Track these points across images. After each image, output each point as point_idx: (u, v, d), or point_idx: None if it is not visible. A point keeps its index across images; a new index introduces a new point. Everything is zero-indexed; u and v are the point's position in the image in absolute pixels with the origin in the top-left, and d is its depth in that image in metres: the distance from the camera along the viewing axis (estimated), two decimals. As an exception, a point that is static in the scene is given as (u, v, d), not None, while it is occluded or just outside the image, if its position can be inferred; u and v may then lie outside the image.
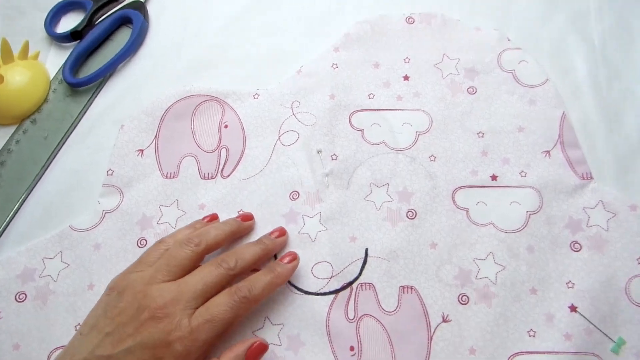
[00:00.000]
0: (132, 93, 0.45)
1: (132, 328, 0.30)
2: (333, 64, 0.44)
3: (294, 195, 0.40)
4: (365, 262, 0.37)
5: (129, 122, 0.43)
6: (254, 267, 0.36)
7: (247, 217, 0.39)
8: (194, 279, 0.33)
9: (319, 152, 0.41)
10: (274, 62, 0.45)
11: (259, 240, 0.37)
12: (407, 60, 0.44)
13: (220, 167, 0.41)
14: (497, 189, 0.38)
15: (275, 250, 0.37)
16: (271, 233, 0.38)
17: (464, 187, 0.39)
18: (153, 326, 0.30)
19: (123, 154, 0.42)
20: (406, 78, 0.43)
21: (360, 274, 0.37)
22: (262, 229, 0.39)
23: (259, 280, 0.34)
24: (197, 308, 0.32)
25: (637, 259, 0.36)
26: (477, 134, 0.41)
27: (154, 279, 0.32)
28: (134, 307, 0.31)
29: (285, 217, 0.39)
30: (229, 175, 0.41)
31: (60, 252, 0.39)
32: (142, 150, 0.42)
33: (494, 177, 0.39)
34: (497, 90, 0.42)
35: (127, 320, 0.31)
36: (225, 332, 0.32)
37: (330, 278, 0.37)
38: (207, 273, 0.33)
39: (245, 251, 0.35)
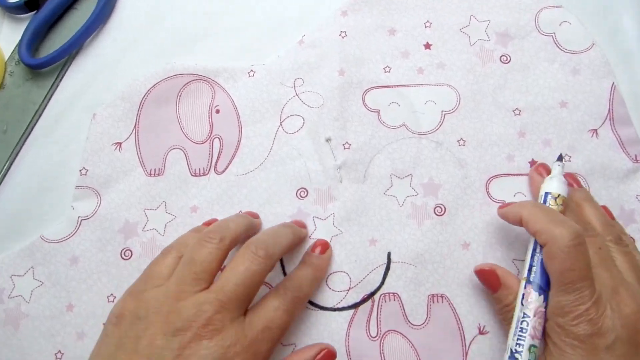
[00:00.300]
0: (104, 74, 0.38)
1: (172, 356, 0.25)
2: (341, 31, 0.38)
3: (302, 192, 0.34)
4: (388, 269, 0.33)
5: (102, 110, 0.37)
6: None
7: (254, 215, 0.34)
8: (231, 280, 0.27)
9: (328, 140, 0.35)
10: (271, 31, 0.39)
11: (283, 223, 0.33)
12: (428, 24, 0.38)
13: (213, 161, 0.36)
14: None
15: (305, 235, 0.34)
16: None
17: (499, 175, 0.35)
18: (203, 347, 0.25)
19: (97, 148, 0.36)
20: (428, 46, 0.37)
21: (382, 282, 0.33)
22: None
23: (304, 277, 0.31)
24: (245, 315, 0.28)
25: None
26: (513, 111, 0.36)
27: (183, 292, 0.27)
28: (168, 331, 0.26)
29: (293, 220, 0.34)
30: (223, 171, 0.35)
31: (32, 267, 0.34)
32: (119, 144, 0.36)
33: (533, 163, 0.35)
34: (535, 58, 0.37)
35: (161, 350, 0.25)
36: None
37: (349, 290, 0.33)
38: (244, 270, 0.28)
39: (279, 235, 0.31)
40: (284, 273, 0.33)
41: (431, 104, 0.36)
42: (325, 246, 0.33)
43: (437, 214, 0.34)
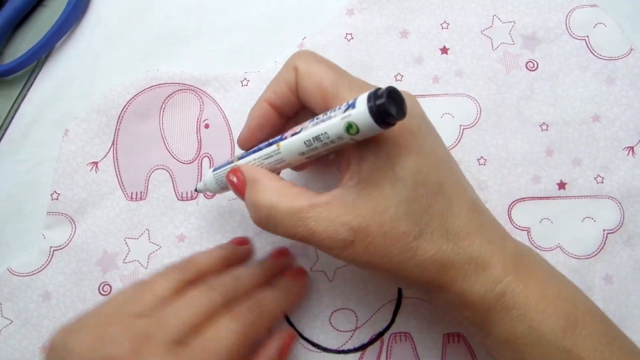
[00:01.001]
0: (78, 82, 0.34)
1: None
2: (347, 33, 0.33)
3: (303, 221, 0.31)
4: (399, 305, 0.30)
5: (75, 125, 0.32)
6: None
7: (243, 242, 0.30)
8: (177, 305, 0.24)
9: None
10: (267, 32, 0.34)
11: (259, 262, 0.30)
12: (445, 25, 0.33)
13: (203, 183, 0.31)
14: (566, 201, 0.32)
15: (277, 272, 0.29)
16: (272, 256, 0.30)
17: (523, 199, 0.32)
18: None
19: (70, 169, 0.32)
20: (444, 51, 0.33)
21: (392, 321, 0.30)
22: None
23: (268, 296, 0.27)
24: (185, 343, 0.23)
25: None
26: (540, 126, 0.32)
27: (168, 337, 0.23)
28: None
29: (293, 249, 0.31)
30: (214, 195, 0.31)
31: (0, 304, 0.30)
32: (96, 163, 0.32)
33: (561, 185, 0.32)
34: (566, 65, 0.33)
35: None
36: None
37: (355, 330, 0.30)
38: (194, 297, 0.25)
39: (244, 272, 0.27)
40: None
41: (448, 116, 0.32)
42: (299, 273, 0.30)
43: (454, 244, 0.30)
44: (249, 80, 0.33)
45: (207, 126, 0.32)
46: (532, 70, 0.33)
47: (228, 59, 0.34)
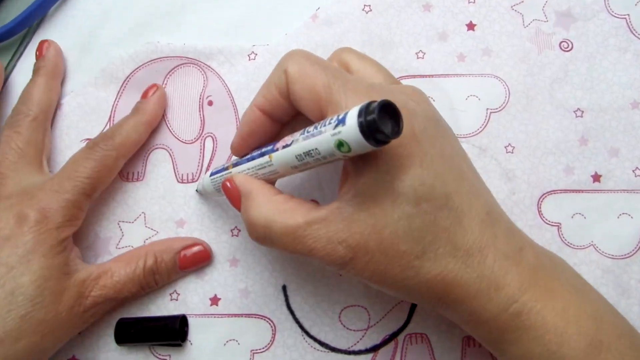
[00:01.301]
0: (73, 54, 0.31)
1: None
2: (365, 5, 0.31)
3: (313, 207, 0.28)
4: (415, 304, 0.28)
5: (70, 98, 0.30)
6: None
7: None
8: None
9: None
10: (277, 3, 0.31)
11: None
12: (472, -1, 0.31)
13: (205, 164, 0.30)
14: (601, 195, 0.29)
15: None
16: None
17: (554, 191, 0.29)
18: None
19: (63, 146, 0.30)
20: (471, 27, 0.31)
21: (408, 321, 0.28)
22: (268, 253, 0.28)
23: (122, 123, 0.28)
24: None
25: None
26: (574, 112, 0.30)
27: None
28: None
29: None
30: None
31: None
32: (90, 140, 0.29)
33: (596, 177, 0.29)
34: (603, 46, 0.31)
35: None
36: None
37: (367, 329, 0.28)
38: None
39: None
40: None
41: (474, 99, 0.30)
42: (155, 88, 0.29)
43: (477, 238, 0.28)
44: (256, 54, 0.30)
45: (210, 103, 0.30)
46: (567, 51, 0.30)
47: (235, 31, 0.31)
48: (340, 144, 0.18)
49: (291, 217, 0.21)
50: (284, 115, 0.23)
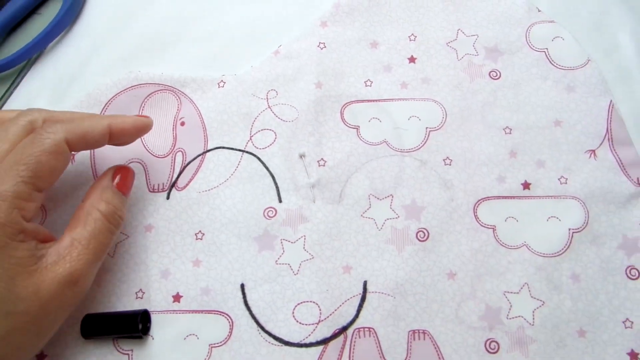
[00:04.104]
0: (64, 81, 0.36)
1: None
2: (320, 42, 0.35)
3: (270, 212, 0.31)
4: (363, 300, 0.30)
5: (56, 118, 0.34)
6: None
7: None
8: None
9: (302, 156, 0.32)
10: (245, 39, 0.36)
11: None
12: (412, 37, 0.36)
13: (174, 175, 0.32)
14: (531, 200, 0.32)
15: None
16: None
17: (488, 198, 0.32)
18: None
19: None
20: (412, 60, 0.35)
21: (357, 315, 0.30)
22: (228, 254, 0.30)
23: (76, 113, 0.29)
24: None
25: None
26: (504, 130, 0.33)
27: None
28: None
29: (258, 242, 0.31)
30: (185, 187, 0.32)
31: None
32: (73, 155, 0.33)
33: (526, 185, 0.32)
34: (527, 74, 0.35)
35: None
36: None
37: (318, 323, 0.29)
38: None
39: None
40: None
41: (415, 119, 0.34)
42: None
43: (419, 240, 0.31)
44: (225, 82, 0.35)
45: (182, 124, 0.34)
46: (496, 79, 0.35)
47: (208, 63, 0.36)
48: None
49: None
50: None
